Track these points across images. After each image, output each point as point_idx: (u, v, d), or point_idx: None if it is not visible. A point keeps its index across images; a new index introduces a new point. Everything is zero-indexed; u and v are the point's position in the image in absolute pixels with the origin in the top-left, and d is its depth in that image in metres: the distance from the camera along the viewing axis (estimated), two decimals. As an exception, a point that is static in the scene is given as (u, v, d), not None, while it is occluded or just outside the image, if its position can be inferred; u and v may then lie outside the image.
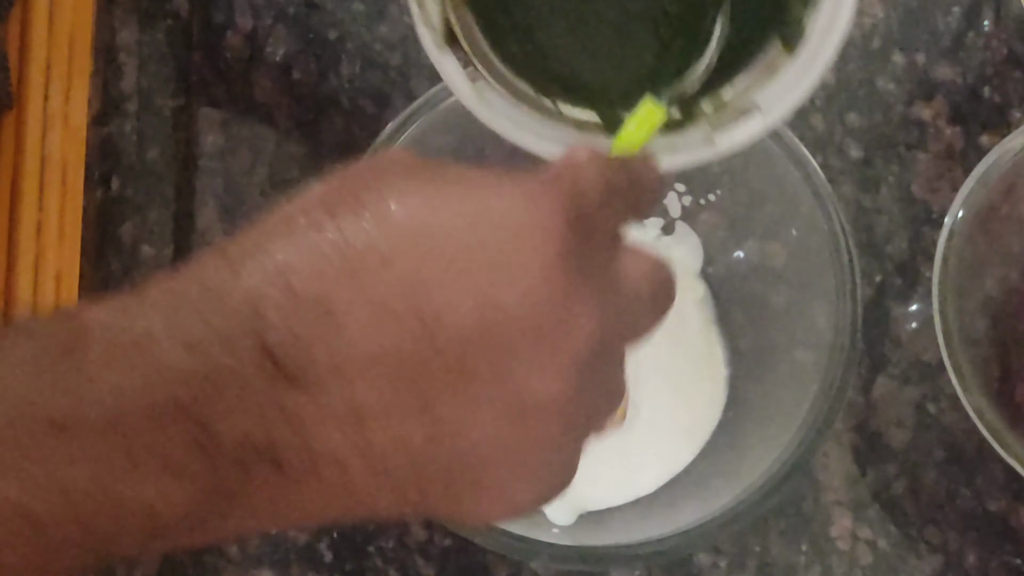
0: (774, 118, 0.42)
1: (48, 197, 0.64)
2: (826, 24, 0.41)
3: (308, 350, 0.30)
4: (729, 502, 0.55)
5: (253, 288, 0.30)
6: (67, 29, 0.65)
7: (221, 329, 0.29)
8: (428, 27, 0.41)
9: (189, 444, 0.29)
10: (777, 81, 0.42)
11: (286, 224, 0.31)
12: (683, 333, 0.64)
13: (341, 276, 0.30)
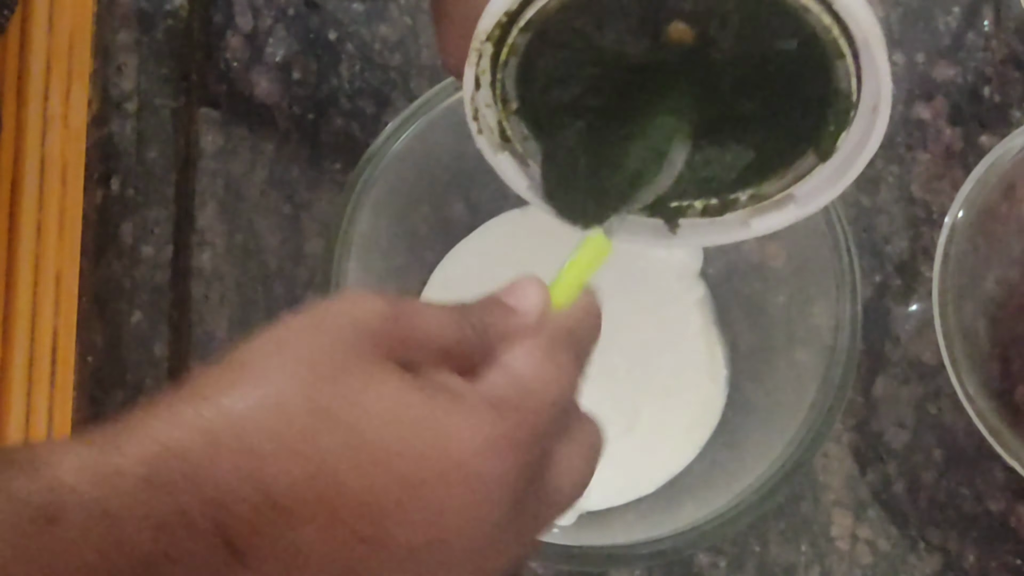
0: (808, 210, 0.46)
1: (48, 197, 0.64)
2: (858, 139, 0.44)
3: (262, 537, 0.34)
4: (729, 502, 0.56)
5: (223, 478, 0.33)
6: (67, 29, 0.65)
7: (187, 512, 0.33)
8: (486, 132, 0.45)
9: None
10: (812, 180, 0.45)
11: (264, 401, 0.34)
12: (683, 333, 0.64)
13: (309, 481, 0.34)
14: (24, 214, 0.63)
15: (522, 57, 0.43)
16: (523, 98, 0.45)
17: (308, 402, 0.34)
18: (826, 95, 0.43)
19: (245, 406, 0.34)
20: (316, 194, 0.66)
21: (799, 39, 0.42)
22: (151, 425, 0.34)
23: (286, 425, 0.34)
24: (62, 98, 0.65)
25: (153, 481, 0.33)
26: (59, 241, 0.64)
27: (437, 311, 0.38)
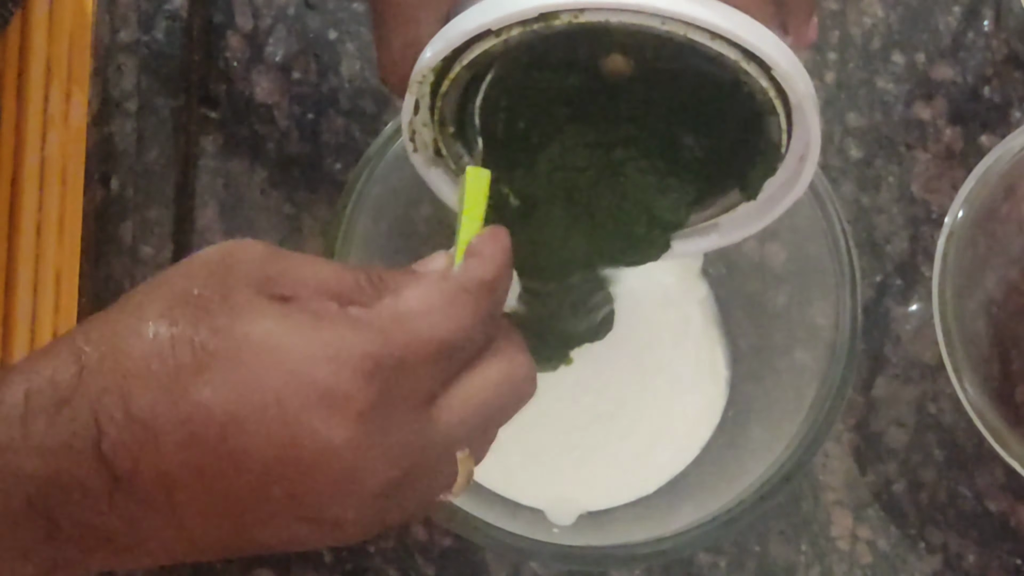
0: (729, 240, 0.49)
1: (48, 197, 0.64)
2: (784, 181, 0.46)
3: (136, 460, 0.36)
4: (729, 502, 0.55)
5: (95, 400, 0.36)
6: (67, 29, 0.65)
7: (66, 436, 0.35)
8: (421, 149, 0.46)
9: (38, 534, 0.36)
10: (737, 214, 0.48)
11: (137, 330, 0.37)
12: (686, 333, 0.64)
13: (171, 402, 0.36)
14: (24, 214, 0.63)
15: (463, 88, 0.44)
16: (460, 123, 0.46)
17: (172, 329, 0.36)
18: (756, 141, 0.45)
19: (116, 336, 0.36)
20: (316, 194, 0.66)
21: (735, 92, 0.43)
22: (32, 362, 0.37)
23: (150, 348, 0.36)
24: (62, 98, 0.65)
25: (31, 409, 0.35)
26: (59, 241, 0.63)
27: (326, 261, 0.40)
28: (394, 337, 0.37)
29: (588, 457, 0.62)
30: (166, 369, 0.36)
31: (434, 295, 0.39)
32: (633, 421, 0.62)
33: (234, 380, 0.36)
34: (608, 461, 0.62)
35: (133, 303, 0.38)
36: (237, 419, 0.36)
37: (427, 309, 0.38)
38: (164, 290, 0.38)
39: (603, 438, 0.62)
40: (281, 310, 0.37)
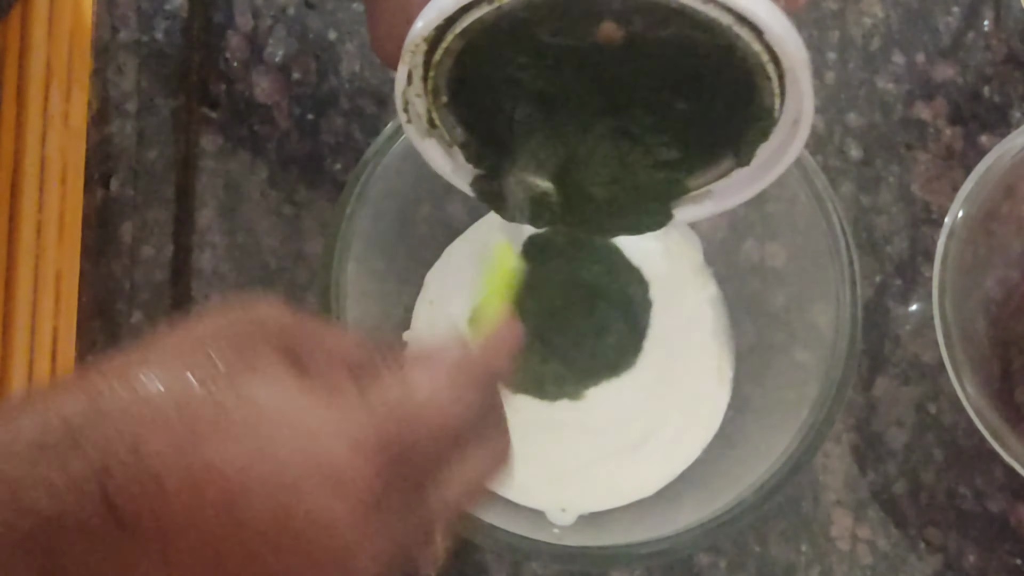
0: (723, 206, 0.49)
1: (48, 197, 0.64)
2: (777, 147, 0.46)
3: (140, 507, 0.36)
4: (729, 502, 0.55)
5: (106, 443, 0.36)
6: (67, 29, 0.65)
7: (75, 477, 0.36)
8: (415, 120, 0.47)
9: (34, 570, 0.36)
10: (730, 180, 0.48)
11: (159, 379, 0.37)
12: (694, 335, 0.63)
13: (183, 458, 0.36)
14: (24, 214, 0.63)
15: (456, 56, 0.44)
16: (455, 92, 0.46)
17: (191, 383, 0.37)
18: (749, 107, 0.45)
19: (135, 382, 0.37)
20: (316, 194, 0.66)
21: (727, 58, 0.43)
22: (48, 397, 0.37)
23: (168, 402, 0.36)
24: (62, 98, 0.65)
25: (44, 446, 0.36)
26: (59, 241, 0.63)
27: (342, 331, 0.41)
28: (404, 426, 0.38)
29: (589, 459, 0.62)
30: (183, 424, 0.36)
31: (441, 380, 0.40)
32: (635, 424, 0.62)
33: (249, 447, 0.36)
34: (609, 463, 0.62)
35: (158, 349, 0.38)
36: (245, 485, 0.36)
37: (435, 396, 0.39)
38: (191, 342, 0.38)
39: (604, 440, 0.62)
40: (301, 384, 0.38)
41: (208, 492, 0.36)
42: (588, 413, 0.62)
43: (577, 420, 0.62)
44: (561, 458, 0.61)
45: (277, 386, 0.37)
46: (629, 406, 0.62)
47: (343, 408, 0.37)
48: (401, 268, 0.63)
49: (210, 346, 0.38)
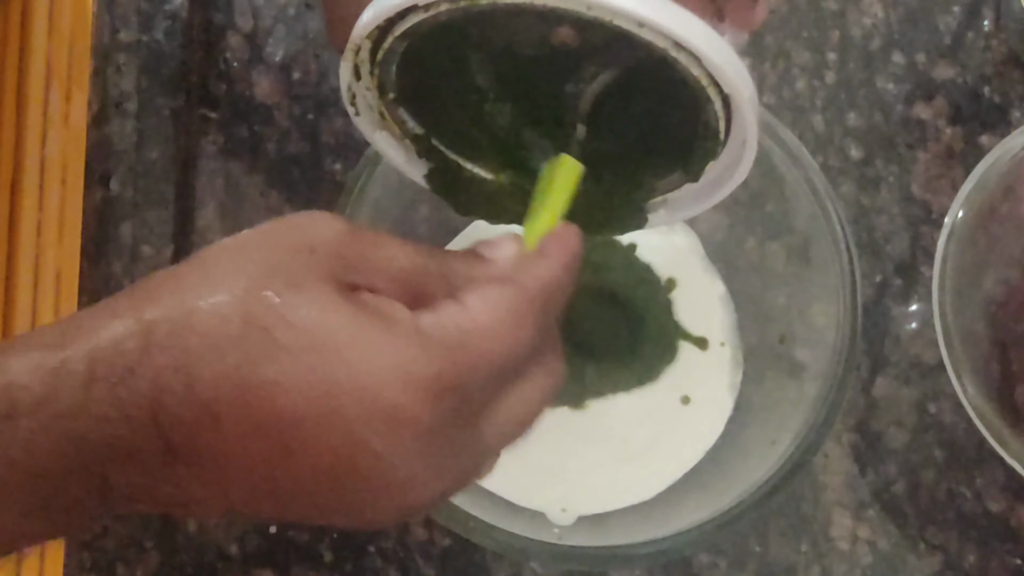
0: (675, 218, 0.48)
1: (48, 197, 0.64)
2: (727, 164, 0.45)
3: (192, 436, 0.36)
4: (729, 502, 0.55)
5: (158, 374, 0.35)
6: (67, 29, 0.65)
7: (126, 406, 0.35)
8: (364, 112, 0.46)
9: (92, 492, 0.37)
10: (682, 193, 0.47)
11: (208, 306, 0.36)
12: (709, 337, 0.64)
13: (235, 388, 0.36)
14: (24, 214, 0.63)
15: (403, 56, 0.44)
16: (403, 89, 0.45)
17: (245, 311, 0.36)
18: (696, 126, 0.44)
19: (185, 307, 0.36)
20: (316, 194, 0.66)
21: (670, 78, 0.42)
22: (96, 322, 0.36)
23: (220, 330, 0.36)
24: (62, 98, 0.65)
25: (94, 376, 0.35)
26: (59, 241, 0.63)
27: (400, 243, 0.39)
28: (460, 358, 0.37)
29: (591, 465, 0.62)
30: (234, 354, 0.36)
31: (501, 306, 0.38)
32: (640, 431, 0.62)
33: (302, 379, 0.36)
34: (612, 469, 0.62)
35: (205, 272, 0.37)
36: (299, 417, 0.36)
37: (493, 325, 0.38)
38: (240, 263, 0.37)
39: (609, 448, 0.62)
40: (356, 313, 0.37)
41: (263, 423, 0.36)
42: (594, 421, 0.62)
43: (582, 428, 0.62)
44: (563, 463, 0.61)
45: (328, 314, 0.36)
46: (635, 414, 0.62)
47: (398, 339, 0.37)
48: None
49: (260, 267, 0.37)
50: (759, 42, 0.67)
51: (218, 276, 0.37)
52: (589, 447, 0.62)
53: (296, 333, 0.36)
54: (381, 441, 0.36)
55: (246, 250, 0.38)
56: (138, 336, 0.36)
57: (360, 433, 0.36)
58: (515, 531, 0.55)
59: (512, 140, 0.46)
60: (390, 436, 0.36)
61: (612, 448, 0.62)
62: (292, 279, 0.37)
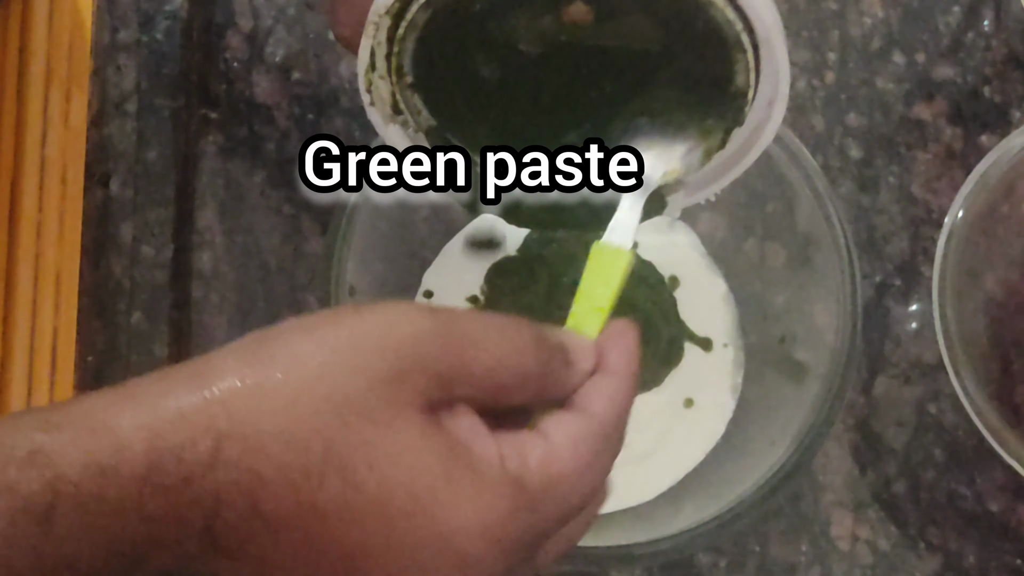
0: (695, 199, 0.48)
1: (48, 197, 0.64)
2: (750, 132, 0.45)
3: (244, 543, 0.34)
4: (729, 502, 0.55)
5: (222, 488, 0.33)
6: (67, 29, 0.65)
7: (181, 512, 0.33)
8: (378, 104, 0.45)
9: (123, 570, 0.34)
10: (703, 170, 0.46)
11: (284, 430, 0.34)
12: (713, 337, 0.63)
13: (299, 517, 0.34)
14: (24, 214, 0.63)
15: (421, 32, 0.43)
16: (419, 73, 0.44)
17: (320, 434, 0.34)
18: (723, 88, 0.43)
19: (256, 416, 0.34)
20: (316, 194, 0.66)
21: (700, 33, 0.41)
22: (156, 413, 0.33)
23: (292, 451, 0.34)
24: (62, 98, 0.65)
25: (152, 480, 0.33)
26: (59, 241, 0.63)
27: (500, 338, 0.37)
28: (543, 511, 0.36)
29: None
30: (308, 489, 0.34)
31: (584, 448, 0.37)
32: (641, 437, 0.62)
33: (379, 521, 0.34)
34: (612, 469, 0.61)
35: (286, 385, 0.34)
36: (370, 555, 0.34)
37: (578, 471, 0.37)
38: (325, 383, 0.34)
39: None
40: (443, 456, 0.35)
41: (325, 553, 0.34)
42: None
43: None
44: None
45: (412, 454, 0.34)
46: (638, 419, 0.62)
47: (479, 483, 0.35)
48: (401, 268, 0.63)
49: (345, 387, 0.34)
50: (759, 42, 0.67)
51: (299, 394, 0.34)
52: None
53: (373, 464, 0.34)
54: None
55: (329, 358, 0.35)
56: (207, 450, 0.33)
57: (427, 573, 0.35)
58: (515, 531, 0.55)
59: (529, 131, 0.45)
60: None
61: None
62: (379, 407, 0.34)
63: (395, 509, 0.34)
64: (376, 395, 0.34)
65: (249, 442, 0.33)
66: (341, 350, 0.35)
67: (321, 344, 0.35)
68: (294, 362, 0.35)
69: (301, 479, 0.34)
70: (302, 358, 0.35)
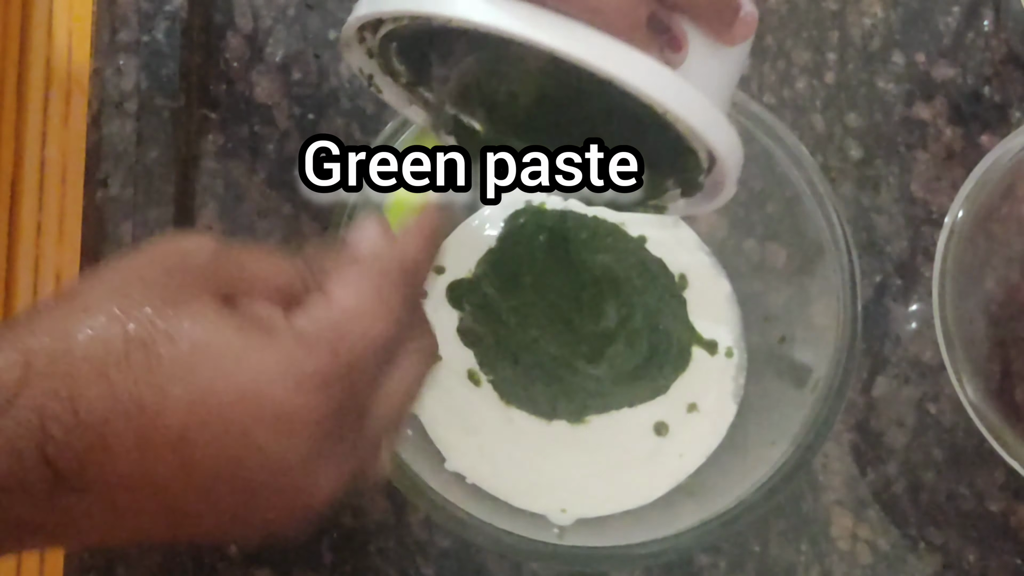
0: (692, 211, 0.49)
1: (48, 198, 0.64)
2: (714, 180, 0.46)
3: (82, 462, 0.35)
4: (729, 502, 0.55)
5: (41, 402, 0.35)
6: (67, 29, 0.65)
7: (11, 438, 0.35)
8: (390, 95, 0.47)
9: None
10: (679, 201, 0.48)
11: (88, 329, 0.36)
12: (718, 339, 0.63)
13: (122, 408, 0.35)
14: (24, 214, 0.63)
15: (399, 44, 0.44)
16: (411, 71, 0.45)
17: (124, 331, 0.36)
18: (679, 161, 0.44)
19: (65, 332, 0.36)
20: (316, 194, 0.66)
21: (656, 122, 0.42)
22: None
23: (101, 351, 0.35)
24: (62, 98, 0.65)
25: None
26: (59, 241, 0.64)
27: (266, 253, 0.40)
28: (338, 347, 0.38)
29: (591, 471, 0.62)
30: (118, 373, 0.35)
31: (363, 288, 0.39)
32: (642, 439, 0.62)
33: (188, 392, 0.36)
34: (613, 476, 0.61)
35: (83, 297, 0.37)
36: (190, 431, 0.36)
37: (360, 308, 0.39)
38: (116, 284, 0.37)
39: (611, 456, 0.62)
40: (234, 322, 0.37)
41: (153, 440, 0.35)
42: (596, 432, 0.62)
43: (584, 438, 0.62)
44: (565, 472, 0.61)
45: (209, 326, 0.37)
46: (640, 426, 0.62)
47: (277, 341, 0.37)
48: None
49: (137, 287, 0.37)
50: (759, 42, 0.67)
51: (97, 299, 0.37)
52: (591, 456, 0.61)
53: (178, 347, 0.36)
54: (275, 442, 0.36)
55: (121, 272, 0.38)
56: (18, 366, 0.35)
57: (253, 438, 0.36)
58: (515, 531, 0.55)
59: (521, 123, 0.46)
60: (283, 436, 0.36)
61: (614, 457, 0.62)
62: (170, 296, 0.37)
63: (201, 378, 0.36)
64: (165, 282, 0.37)
65: (56, 347, 0.36)
66: (129, 257, 0.38)
67: (111, 261, 0.38)
68: (89, 276, 0.38)
69: (110, 366, 0.35)
70: (95, 273, 0.38)
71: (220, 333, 0.37)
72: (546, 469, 0.61)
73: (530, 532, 0.55)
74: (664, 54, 0.40)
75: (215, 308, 0.37)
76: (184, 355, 0.36)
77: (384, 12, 0.41)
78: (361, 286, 0.39)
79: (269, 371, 0.36)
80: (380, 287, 0.39)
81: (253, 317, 0.38)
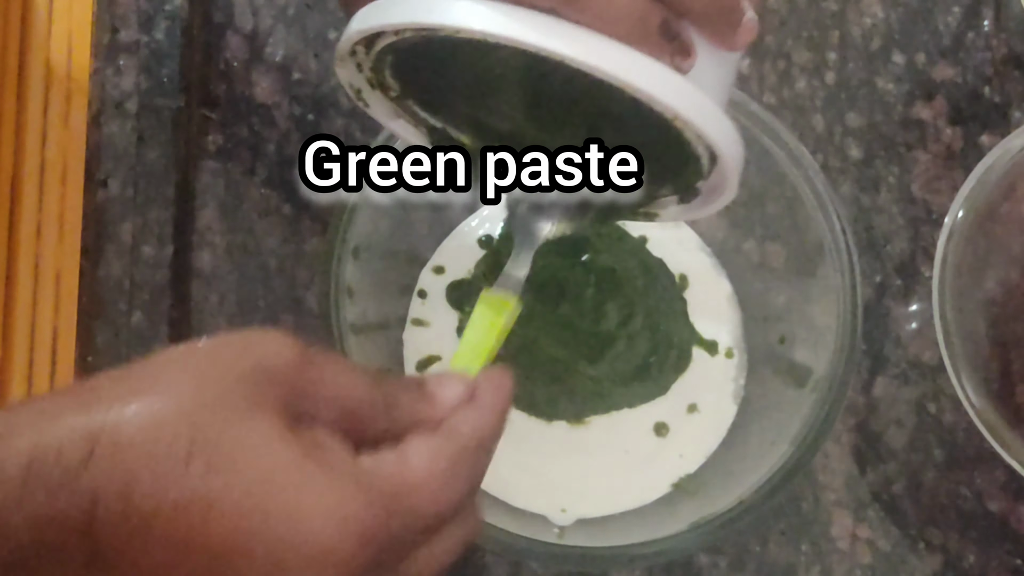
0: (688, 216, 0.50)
1: (48, 198, 0.64)
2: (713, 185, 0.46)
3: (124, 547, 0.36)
4: (729, 502, 0.55)
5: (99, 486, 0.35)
6: (67, 29, 0.65)
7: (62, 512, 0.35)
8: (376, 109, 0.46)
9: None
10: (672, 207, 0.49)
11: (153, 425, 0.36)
12: (715, 338, 0.63)
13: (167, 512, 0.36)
14: (24, 214, 0.63)
15: (394, 58, 0.44)
16: (404, 87, 0.45)
17: (191, 429, 0.36)
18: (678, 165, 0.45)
19: (129, 416, 0.36)
20: (316, 194, 0.66)
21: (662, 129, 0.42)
22: (38, 421, 0.36)
23: (163, 445, 0.36)
24: (62, 98, 0.65)
25: (31, 478, 0.35)
26: (59, 241, 0.64)
27: (349, 370, 0.40)
28: (394, 508, 0.38)
29: (591, 472, 0.62)
30: (175, 476, 0.36)
31: (439, 462, 0.39)
32: (642, 440, 0.62)
33: (238, 511, 0.36)
34: (613, 477, 0.61)
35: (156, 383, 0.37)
36: (231, 547, 0.36)
37: (430, 482, 0.39)
38: (184, 376, 0.37)
39: (612, 458, 0.62)
40: (299, 450, 0.37)
41: (192, 544, 0.36)
42: (597, 434, 0.62)
43: (585, 439, 0.62)
44: (566, 473, 0.61)
45: (272, 453, 0.37)
46: (641, 427, 0.62)
47: (337, 482, 0.37)
48: (401, 268, 0.63)
49: (212, 390, 0.37)
50: (759, 42, 0.67)
51: (169, 391, 0.37)
52: (592, 458, 0.62)
53: (240, 465, 0.36)
54: None
55: (200, 368, 0.38)
56: (84, 446, 0.36)
57: (286, 568, 0.36)
58: (515, 531, 0.55)
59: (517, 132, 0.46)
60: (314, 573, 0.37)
61: (615, 458, 0.62)
62: (241, 408, 0.37)
63: (255, 500, 0.36)
64: (238, 393, 0.37)
65: (121, 439, 0.36)
66: (210, 350, 0.38)
67: (191, 347, 0.38)
68: (164, 358, 0.38)
69: (169, 466, 0.36)
70: (172, 356, 0.38)
71: (282, 461, 0.37)
72: (546, 469, 0.61)
73: (530, 532, 0.55)
74: (674, 61, 0.40)
75: (280, 431, 0.37)
76: (243, 477, 0.36)
77: (396, 24, 0.40)
78: (438, 459, 0.39)
79: (320, 509, 0.37)
80: (455, 466, 0.40)
81: (319, 446, 0.38)
